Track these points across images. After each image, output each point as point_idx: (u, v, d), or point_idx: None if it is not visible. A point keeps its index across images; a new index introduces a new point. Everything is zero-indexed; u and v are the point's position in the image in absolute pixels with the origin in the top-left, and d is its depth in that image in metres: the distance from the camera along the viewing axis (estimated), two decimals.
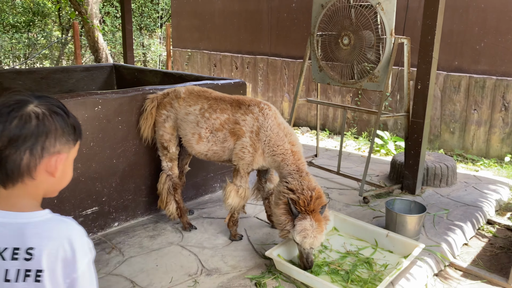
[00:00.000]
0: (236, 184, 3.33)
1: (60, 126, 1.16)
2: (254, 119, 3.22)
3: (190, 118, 3.40)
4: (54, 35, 14.04)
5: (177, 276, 2.98)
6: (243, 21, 9.25)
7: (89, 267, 1.17)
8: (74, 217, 3.35)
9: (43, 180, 1.17)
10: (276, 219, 3.02)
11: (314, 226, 2.83)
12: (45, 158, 1.15)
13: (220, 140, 3.32)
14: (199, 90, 3.56)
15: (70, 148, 1.22)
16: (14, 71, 5.34)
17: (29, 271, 1.10)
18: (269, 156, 3.20)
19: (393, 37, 4.15)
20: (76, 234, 1.16)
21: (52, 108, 1.17)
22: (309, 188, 2.96)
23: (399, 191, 4.58)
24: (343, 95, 7.68)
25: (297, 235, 2.82)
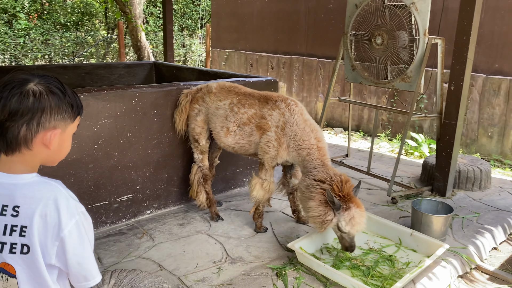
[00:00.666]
0: (261, 177, 3.43)
1: (56, 104, 1.28)
2: (280, 114, 3.31)
3: (220, 112, 3.54)
4: (101, 34, 14.69)
5: (202, 263, 3.12)
6: (280, 22, 9.35)
7: (78, 229, 1.27)
8: (109, 203, 3.58)
9: (39, 151, 1.30)
10: (313, 212, 3.00)
11: (359, 212, 2.93)
12: (40, 132, 1.27)
13: (246, 134, 3.44)
14: (229, 85, 3.69)
15: (66, 124, 1.34)
16: (61, 66, 5.69)
17: (15, 226, 1.24)
18: (294, 150, 3.28)
19: (427, 37, 4.12)
20: (61, 196, 1.27)
21: (50, 87, 1.29)
22: (336, 175, 3.05)
23: (429, 193, 4.53)
24: (378, 96, 7.62)
25: (346, 225, 2.91)
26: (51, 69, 5.58)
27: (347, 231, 2.94)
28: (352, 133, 7.86)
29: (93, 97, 3.35)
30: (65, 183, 3.29)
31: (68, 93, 1.34)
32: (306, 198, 3.10)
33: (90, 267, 1.31)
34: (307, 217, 3.17)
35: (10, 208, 1.25)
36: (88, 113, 3.33)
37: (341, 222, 2.93)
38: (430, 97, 6.78)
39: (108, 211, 3.61)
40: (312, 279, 2.93)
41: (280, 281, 2.89)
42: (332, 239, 3.45)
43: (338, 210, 2.92)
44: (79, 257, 1.28)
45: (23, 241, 1.25)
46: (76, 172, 3.35)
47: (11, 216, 1.25)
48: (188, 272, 3.00)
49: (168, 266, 3.07)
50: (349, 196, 2.96)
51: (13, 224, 1.25)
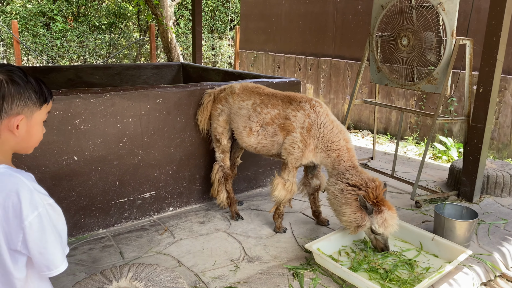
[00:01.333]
0: (283, 177, 3.44)
1: (16, 91, 1.35)
2: (305, 115, 3.31)
3: (243, 112, 3.57)
4: (133, 36, 15.07)
5: (220, 260, 3.17)
6: (308, 23, 9.33)
7: (40, 221, 1.31)
8: (133, 199, 3.69)
9: (7, 138, 1.38)
10: (349, 218, 3.07)
11: (391, 214, 3.01)
12: (4, 119, 1.35)
13: (269, 134, 3.45)
14: (252, 86, 3.73)
15: (32, 111, 1.41)
16: (93, 67, 5.89)
17: None
18: (322, 151, 3.28)
19: (454, 38, 4.03)
20: (23, 188, 1.32)
21: (11, 76, 1.36)
22: (370, 180, 3.09)
23: (455, 198, 4.42)
24: (407, 98, 7.48)
25: (379, 227, 2.99)
26: (82, 69, 5.79)
27: (380, 232, 3.02)
28: (379, 136, 7.74)
29: (119, 96, 3.46)
30: (91, 178, 3.40)
31: (31, 81, 1.41)
32: (341, 203, 3.13)
33: (52, 257, 1.36)
34: (341, 221, 3.20)
35: None
36: (113, 111, 3.44)
37: (374, 225, 3.01)
38: (461, 100, 6.60)
39: (131, 207, 3.72)
40: (329, 281, 2.92)
41: (296, 281, 2.89)
42: (351, 241, 3.43)
43: (371, 214, 3.01)
44: (41, 247, 1.33)
45: None
46: (101, 169, 3.46)
47: None
48: (206, 269, 3.05)
49: (186, 262, 3.13)
50: (382, 200, 3.03)
51: None
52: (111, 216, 3.61)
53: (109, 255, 3.20)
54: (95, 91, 3.38)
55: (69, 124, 3.25)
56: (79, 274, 2.93)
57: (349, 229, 3.15)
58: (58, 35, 13.03)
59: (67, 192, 3.33)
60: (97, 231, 3.55)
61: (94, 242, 3.39)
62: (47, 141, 3.17)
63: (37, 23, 13.11)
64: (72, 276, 2.91)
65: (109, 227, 3.62)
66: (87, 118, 3.33)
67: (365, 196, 3.01)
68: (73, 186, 3.35)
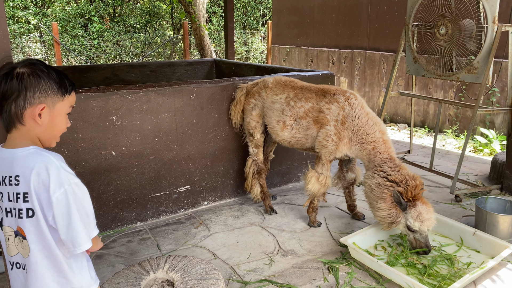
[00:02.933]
0: (317, 171, 3.41)
1: (37, 83, 1.45)
2: (340, 108, 3.26)
3: (276, 106, 3.56)
4: (167, 34, 15.33)
5: (254, 253, 3.18)
6: (341, 16, 9.17)
7: (66, 198, 1.40)
8: (169, 193, 3.76)
9: (32, 126, 1.48)
10: (383, 213, 3.02)
11: (426, 209, 2.91)
12: (28, 108, 1.45)
13: (303, 128, 3.42)
14: (286, 80, 3.71)
15: (54, 101, 1.50)
16: (128, 65, 6.03)
17: (19, 193, 1.42)
18: (358, 144, 3.22)
19: (496, 25, 3.85)
20: (52, 165, 1.41)
21: (33, 70, 1.46)
22: (410, 178, 3.00)
23: (498, 191, 4.24)
24: (445, 90, 7.23)
25: (414, 222, 2.89)
26: (119, 67, 5.94)
27: (417, 228, 2.91)
28: (417, 129, 7.53)
29: (154, 93, 3.53)
30: (129, 173, 3.49)
31: (52, 74, 1.50)
32: (376, 197, 3.06)
33: (76, 234, 1.44)
34: (375, 216, 3.14)
35: (13, 178, 1.43)
36: (149, 107, 3.51)
37: (409, 220, 2.92)
38: (503, 90, 6.32)
39: (167, 201, 3.79)
40: (365, 275, 2.88)
41: (331, 275, 2.87)
42: (387, 235, 3.36)
43: (405, 210, 2.93)
44: (66, 223, 1.42)
45: (27, 206, 1.42)
46: (138, 163, 3.55)
47: (14, 185, 1.43)
48: (241, 262, 3.07)
49: (221, 255, 3.16)
50: (418, 199, 2.95)
51: (17, 192, 1.42)
52: (148, 209, 3.70)
53: (147, 248, 3.28)
54: (131, 87, 3.46)
55: (107, 120, 3.35)
56: (118, 266, 3.02)
57: (382, 224, 3.09)
58: (96, 36, 13.43)
59: (105, 186, 3.43)
60: (135, 224, 3.65)
61: (132, 235, 3.48)
62: (87, 137, 3.27)
63: (76, 25, 13.56)
64: (111, 267, 3.00)
65: (146, 221, 3.71)
66: (124, 114, 3.41)
67: (402, 193, 2.93)
68: (111, 180, 3.45)
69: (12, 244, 1.49)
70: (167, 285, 2.34)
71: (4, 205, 1.46)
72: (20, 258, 1.50)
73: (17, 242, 1.48)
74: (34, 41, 13.02)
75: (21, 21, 13.16)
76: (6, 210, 1.46)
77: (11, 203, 1.44)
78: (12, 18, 12.91)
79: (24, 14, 13.21)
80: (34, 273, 1.47)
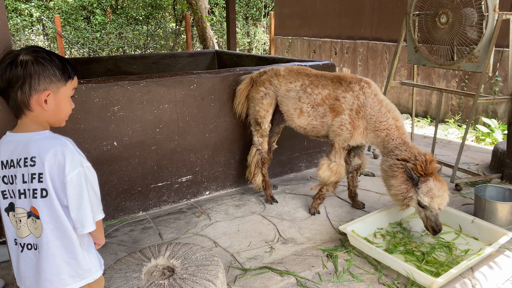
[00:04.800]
0: (330, 158, 3.42)
1: (41, 70, 1.50)
2: (354, 97, 3.27)
3: (292, 94, 3.54)
4: (170, 26, 15.31)
5: (255, 242, 3.22)
6: (344, 6, 9.13)
7: (79, 179, 1.48)
8: (171, 183, 3.80)
9: (40, 111, 1.54)
10: (395, 190, 3.01)
11: (439, 186, 2.87)
12: (33, 95, 1.51)
13: (319, 115, 3.42)
14: (298, 68, 3.69)
15: (57, 87, 1.55)
16: (130, 57, 6.06)
17: (34, 174, 1.48)
18: (372, 132, 3.24)
19: (497, 14, 3.83)
20: (67, 148, 1.49)
21: (36, 57, 1.51)
22: (420, 154, 3.00)
23: (498, 180, 4.25)
24: (448, 80, 7.21)
25: (424, 197, 2.86)
26: (121, 59, 5.97)
27: (427, 203, 2.86)
28: (419, 119, 7.53)
29: (155, 83, 3.56)
30: (131, 163, 3.53)
31: (55, 60, 1.55)
32: (388, 176, 3.09)
33: (85, 214, 1.51)
34: (390, 195, 3.15)
35: (29, 159, 1.49)
36: (150, 98, 3.54)
37: (419, 195, 2.89)
38: (506, 79, 6.29)
39: (169, 191, 3.83)
40: (363, 262, 2.92)
41: (330, 263, 2.91)
42: (387, 223, 3.39)
43: (417, 185, 2.89)
44: (77, 203, 1.49)
45: (42, 186, 1.49)
46: (140, 154, 3.59)
47: (30, 166, 1.49)
48: (241, 249, 3.11)
49: (222, 243, 3.21)
50: (431, 174, 2.91)
51: (32, 173, 1.49)
52: (150, 199, 3.75)
53: (149, 236, 3.33)
54: (132, 78, 3.49)
55: (109, 110, 3.38)
56: (121, 254, 3.07)
57: (397, 203, 3.06)
58: (98, 28, 13.44)
59: (108, 176, 3.48)
60: (137, 214, 3.70)
61: (135, 224, 3.53)
62: (89, 127, 3.31)
63: (78, 17, 13.57)
64: (114, 255, 3.06)
65: (148, 210, 3.76)
66: (125, 105, 3.44)
67: (413, 168, 2.92)
68: (113, 170, 3.50)
69: (24, 226, 1.55)
70: (167, 271, 2.39)
71: (18, 186, 1.52)
72: (32, 238, 1.55)
73: (29, 223, 1.54)
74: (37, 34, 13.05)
75: (24, 14, 13.18)
76: (20, 191, 1.52)
77: (26, 184, 1.50)
78: (14, 11, 12.94)
79: (27, 7, 13.23)
80: (46, 252, 1.53)
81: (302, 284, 2.66)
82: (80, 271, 1.57)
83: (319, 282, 2.69)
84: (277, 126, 3.93)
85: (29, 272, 1.57)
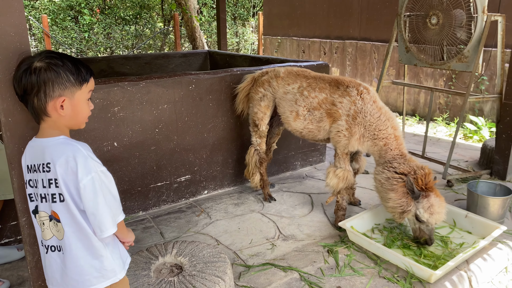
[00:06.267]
0: (335, 165, 3.39)
1: (55, 77, 1.52)
2: (351, 102, 3.20)
3: (289, 97, 3.51)
4: (158, 26, 15.26)
5: (256, 239, 3.29)
6: (332, 6, 9.25)
7: (93, 184, 1.50)
8: (170, 183, 3.84)
9: (57, 117, 1.56)
10: (394, 203, 2.98)
11: (439, 202, 2.88)
12: (49, 102, 1.53)
13: (316, 119, 3.38)
14: (298, 70, 3.66)
15: (72, 92, 1.57)
16: (123, 57, 6.06)
17: (51, 180, 1.51)
18: (369, 140, 3.19)
19: (485, 15, 3.97)
20: (79, 154, 1.51)
21: (49, 64, 1.52)
22: (418, 167, 2.97)
23: (487, 176, 4.39)
24: (435, 79, 7.37)
25: (424, 213, 2.86)
26: (114, 60, 5.96)
27: (425, 219, 2.88)
28: (408, 118, 7.68)
29: (154, 84, 3.59)
30: (131, 163, 3.56)
31: (68, 65, 1.55)
32: (386, 189, 3.03)
33: (102, 219, 1.53)
34: (386, 207, 3.11)
35: (45, 165, 1.52)
36: (149, 99, 3.57)
37: (419, 210, 2.88)
38: (492, 78, 6.47)
39: (169, 190, 3.87)
40: (363, 257, 3.00)
41: (331, 258, 2.99)
42: (384, 219, 3.48)
43: (418, 199, 2.90)
44: (93, 208, 1.51)
45: (59, 191, 1.52)
46: (139, 154, 3.62)
47: (46, 172, 1.52)
48: (243, 247, 3.17)
49: (224, 241, 3.26)
50: (431, 188, 2.91)
51: (49, 178, 1.52)
52: (149, 199, 3.78)
53: (151, 235, 3.36)
54: (131, 79, 3.51)
55: (109, 111, 3.40)
56: None
57: (393, 215, 3.06)
58: (86, 28, 13.33)
59: None
60: (137, 214, 3.73)
61: (135, 224, 3.56)
62: (89, 128, 3.33)
63: (66, 17, 13.44)
64: None
65: (148, 210, 3.79)
66: (125, 106, 3.47)
67: (413, 182, 2.90)
68: (113, 171, 3.52)
69: (47, 228, 1.58)
70: (175, 268, 2.44)
71: (39, 191, 1.55)
72: (55, 241, 1.58)
73: (51, 226, 1.57)
74: None
75: None
76: (41, 196, 1.55)
77: (45, 189, 1.53)
78: None
79: None
80: (69, 254, 1.56)
81: (305, 279, 2.73)
82: (104, 272, 1.61)
83: (322, 276, 2.77)
84: (277, 128, 3.96)
85: (55, 272, 1.61)
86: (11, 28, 1.66)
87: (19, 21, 1.63)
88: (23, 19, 1.63)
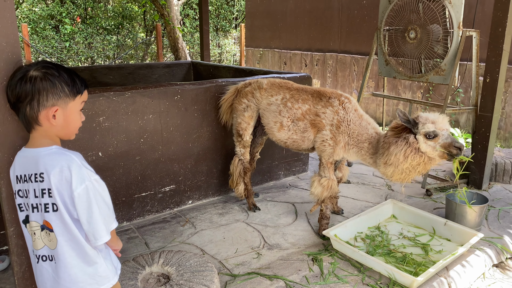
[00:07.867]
0: (320, 174, 3.47)
1: (50, 86, 1.54)
2: (334, 112, 3.32)
3: (273, 108, 3.58)
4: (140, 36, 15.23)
5: (241, 248, 3.31)
6: (313, 19, 9.44)
7: (87, 193, 1.51)
8: (154, 193, 3.84)
9: (49, 126, 1.57)
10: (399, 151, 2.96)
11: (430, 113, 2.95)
12: (42, 111, 1.54)
13: (300, 130, 3.46)
14: (280, 81, 3.74)
15: (66, 102, 1.58)
16: (106, 67, 6.04)
17: (44, 189, 1.52)
18: (354, 146, 3.30)
19: (461, 30, 4.14)
20: (73, 163, 1.52)
21: (45, 72, 1.54)
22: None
23: (464, 185, 4.54)
24: (413, 91, 7.58)
25: (429, 125, 2.87)
26: (97, 70, 5.94)
27: (433, 129, 2.86)
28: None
29: (139, 94, 3.61)
30: (115, 173, 3.56)
31: (63, 76, 1.57)
32: (383, 155, 3.05)
33: (97, 227, 1.55)
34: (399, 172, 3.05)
35: (38, 175, 1.53)
36: (135, 109, 3.59)
37: (424, 128, 2.88)
38: (467, 91, 6.70)
39: (153, 200, 3.87)
40: (347, 265, 3.06)
41: (316, 266, 3.03)
42: (366, 228, 3.56)
43: (416, 127, 2.92)
44: (88, 216, 1.53)
45: (52, 201, 1.53)
46: (124, 164, 3.61)
47: (40, 182, 1.53)
48: (229, 256, 3.19)
49: (209, 250, 3.28)
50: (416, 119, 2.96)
51: (42, 188, 1.53)
52: (134, 209, 3.77)
53: (135, 246, 3.35)
54: (117, 89, 3.52)
55: (94, 121, 3.40)
56: None
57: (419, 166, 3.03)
58: (67, 38, 13.21)
59: None
60: (121, 224, 3.71)
61: (120, 234, 3.54)
62: (74, 138, 3.31)
63: (46, 26, 13.30)
64: None
65: (132, 220, 3.77)
66: (110, 116, 3.47)
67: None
68: None
69: (38, 238, 1.58)
70: (162, 278, 2.44)
71: (30, 201, 1.55)
72: (46, 250, 1.58)
73: (43, 236, 1.57)
74: None
75: None
76: (33, 206, 1.55)
77: (37, 198, 1.53)
78: None
79: None
80: (63, 263, 1.57)
81: (291, 287, 2.77)
82: (98, 278, 1.62)
83: (307, 284, 2.81)
84: (260, 137, 4.02)
85: (46, 282, 1.60)
86: (3, 38, 1.68)
87: (11, 31, 1.65)
88: (15, 30, 1.65)
